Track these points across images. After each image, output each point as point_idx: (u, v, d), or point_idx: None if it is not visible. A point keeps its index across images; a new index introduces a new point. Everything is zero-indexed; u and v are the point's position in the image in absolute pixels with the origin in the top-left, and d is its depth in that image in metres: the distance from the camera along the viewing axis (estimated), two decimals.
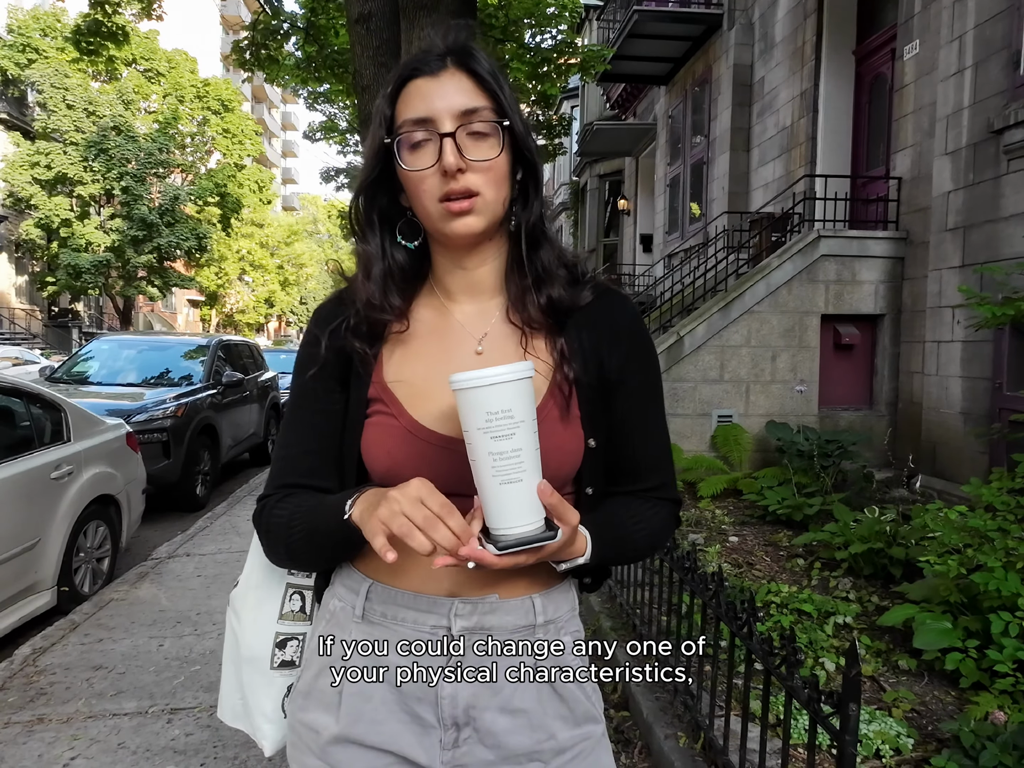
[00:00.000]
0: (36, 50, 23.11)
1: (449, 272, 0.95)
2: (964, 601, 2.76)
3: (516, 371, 0.74)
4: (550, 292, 0.92)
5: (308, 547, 0.91)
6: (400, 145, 0.88)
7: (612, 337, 0.94)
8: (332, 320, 0.95)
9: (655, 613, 2.95)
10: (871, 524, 3.76)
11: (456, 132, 0.85)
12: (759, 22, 9.29)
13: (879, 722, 2.26)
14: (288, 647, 1.03)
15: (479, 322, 0.95)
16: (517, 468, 0.74)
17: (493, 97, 0.88)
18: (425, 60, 0.88)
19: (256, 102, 52.88)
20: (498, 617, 0.91)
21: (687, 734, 2.34)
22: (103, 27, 7.59)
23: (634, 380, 0.95)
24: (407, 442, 0.89)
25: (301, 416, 0.96)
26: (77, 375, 7.12)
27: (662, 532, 0.99)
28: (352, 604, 0.94)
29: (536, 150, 0.93)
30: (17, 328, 24.74)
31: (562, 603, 0.96)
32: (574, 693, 0.94)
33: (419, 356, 0.94)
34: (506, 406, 0.73)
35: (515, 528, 0.75)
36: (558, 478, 0.89)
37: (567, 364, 0.91)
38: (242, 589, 1.07)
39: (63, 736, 2.60)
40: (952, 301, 5.43)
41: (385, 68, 4.11)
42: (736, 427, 6.24)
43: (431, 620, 0.90)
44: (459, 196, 0.85)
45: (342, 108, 13.88)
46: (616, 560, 0.97)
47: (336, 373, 0.95)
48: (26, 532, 3.51)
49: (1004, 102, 4.96)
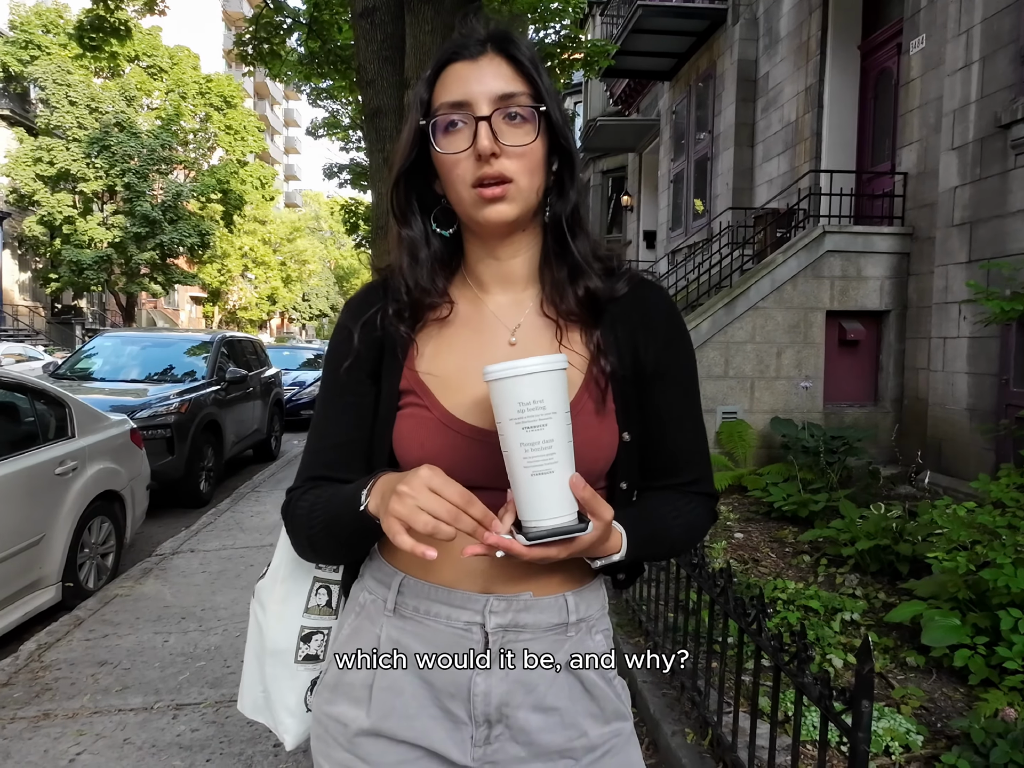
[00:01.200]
0: (39, 46, 23.10)
1: (482, 261, 0.94)
2: (972, 598, 2.74)
3: (549, 362, 0.74)
4: (587, 283, 0.90)
5: (327, 538, 0.90)
6: (436, 128, 0.86)
7: (647, 329, 0.93)
8: (364, 312, 0.95)
9: (662, 609, 2.94)
10: (877, 520, 3.74)
11: (492, 116, 0.83)
12: (763, 17, 9.25)
13: (888, 719, 2.24)
14: (313, 641, 1.02)
15: (513, 313, 0.94)
16: (549, 459, 0.73)
17: (531, 83, 0.87)
18: (464, 44, 0.87)
19: (258, 98, 52.87)
20: (532, 615, 0.89)
21: (695, 730, 2.33)
22: (105, 23, 7.58)
23: (670, 373, 0.94)
24: (440, 433, 0.88)
25: (332, 409, 0.96)
26: (81, 371, 7.12)
27: (699, 527, 0.97)
28: (384, 597, 0.93)
29: (573, 140, 0.91)
30: (20, 325, 24.76)
31: (594, 601, 0.95)
32: (604, 691, 0.93)
33: (452, 348, 0.93)
34: (539, 396, 0.73)
35: (546, 521, 0.74)
36: (592, 472, 0.88)
37: (603, 358, 0.90)
38: (269, 581, 1.07)
39: (69, 731, 2.59)
40: (958, 297, 5.40)
41: (389, 62, 4.10)
42: (741, 423, 6.23)
43: (465, 616, 0.89)
44: (492, 182, 0.84)
45: (345, 104, 13.87)
46: (653, 556, 0.96)
47: (367, 366, 0.94)
48: (31, 528, 3.51)
49: (1012, 96, 4.92)
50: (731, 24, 9.67)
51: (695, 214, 11.20)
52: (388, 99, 4.10)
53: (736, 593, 2.10)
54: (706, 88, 10.67)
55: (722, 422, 6.29)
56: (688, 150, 11.52)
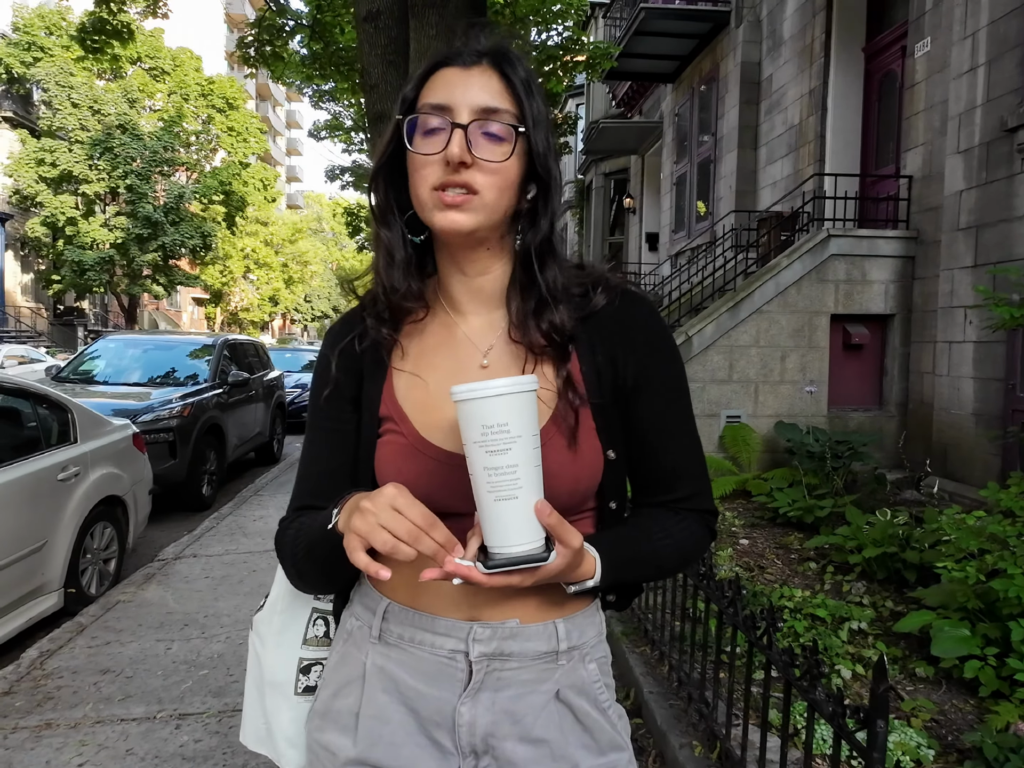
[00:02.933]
0: (41, 48, 23.14)
1: (452, 276, 0.92)
2: (982, 607, 2.72)
3: (516, 384, 0.71)
4: (552, 318, 0.87)
5: (310, 563, 0.89)
6: (413, 127, 0.85)
7: (626, 341, 0.90)
8: (342, 339, 0.94)
9: (668, 618, 2.92)
10: (884, 527, 3.72)
11: (469, 125, 0.82)
12: (767, 19, 9.23)
13: (899, 732, 2.22)
14: (312, 672, 1.00)
15: (485, 334, 0.92)
16: (513, 484, 0.71)
17: (518, 103, 0.85)
18: (460, 52, 0.86)
19: (260, 100, 52.93)
20: (519, 643, 0.87)
21: (703, 743, 2.30)
22: (108, 25, 7.57)
23: (653, 384, 0.91)
24: (414, 459, 0.86)
25: (316, 438, 0.96)
26: (83, 374, 7.11)
27: (693, 548, 0.93)
28: (369, 624, 0.92)
29: (554, 173, 0.88)
30: (23, 326, 24.78)
31: (587, 628, 0.92)
32: (598, 722, 0.90)
33: (428, 368, 0.91)
34: (502, 419, 0.70)
35: (510, 547, 0.72)
36: (578, 492, 0.86)
37: (572, 387, 0.87)
38: (267, 613, 1.05)
39: (71, 742, 2.57)
40: (964, 301, 5.38)
41: (393, 66, 4.08)
42: (745, 427, 6.20)
43: (449, 644, 0.87)
44: (456, 189, 0.82)
45: (347, 106, 13.87)
46: (637, 579, 0.93)
47: (348, 393, 0.93)
48: (33, 534, 3.49)
49: (1018, 100, 4.90)
50: (734, 26, 9.65)
51: (698, 216, 11.18)
52: (392, 103, 4.06)
53: (745, 602, 2.07)
54: (709, 90, 10.65)
55: (726, 426, 6.26)
56: (691, 152, 11.50)
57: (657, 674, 2.82)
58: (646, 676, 2.79)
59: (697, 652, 2.54)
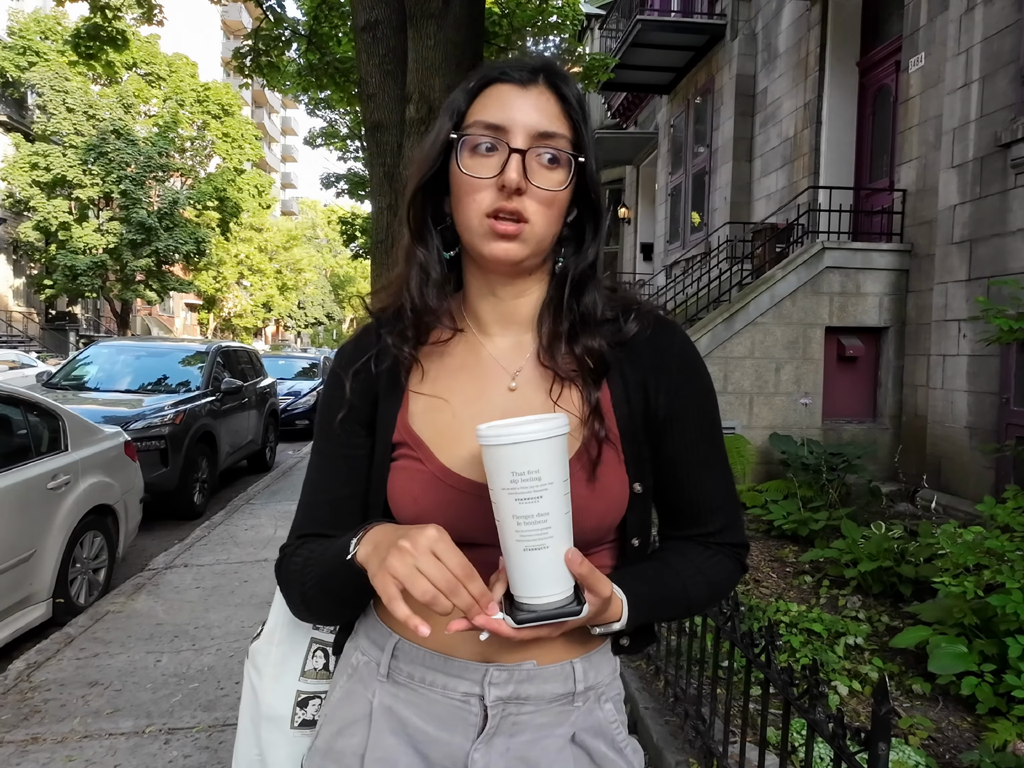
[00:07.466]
0: (36, 53, 23.13)
1: (483, 297, 0.89)
2: (978, 623, 2.71)
3: (547, 429, 0.68)
4: (587, 343, 0.85)
5: (322, 595, 0.84)
6: (463, 145, 0.81)
7: (659, 370, 0.87)
8: (357, 359, 0.89)
9: (663, 632, 2.90)
10: (879, 541, 3.71)
11: (527, 151, 0.79)
12: (762, 33, 9.29)
13: (897, 751, 2.20)
14: (310, 706, 0.96)
15: (513, 357, 0.88)
16: (543, 534, 0.68)
17: (575, 128, 0.83)
18: (517, 68, 0.82)
19: (256, 106, 52.94)
20: (535, 686, 0.84)
21: (699, 761, 2.28)
22: (102, 31, 7.54)
23: (687, 414, 0.88)
24: (434, 488, 0.82)
25: (325, 462, 0.91)
26: (75, 381, 7.04)
27: (724, 584, 0.91)
28: (377, 660, 0.87)
29: (602, 196, 0.87)
30: (14, 331, 24.66)
31: (603, 666, 0.89)
32: (615, 763, 0.87)
33: (451, 390, 0.87)
34: (533, 467, 0.67)
35: (538, 598, 0.69)
36: (602, 528, 0.83)
37: (600, 416, 0.83)
38: (264, 644, 1.01)
39: (58, 757, 2.53)
40: (958, 314, 5.40)
41: (391, 76, 4.07)
42: (739, 439, 6.19)
43: (463, 686, 0.83)
44: (509, 217, 0.79)
45: (343, 114, 13.90)
46: (665, 619, 0.91)
47: (362, 416, 0.89)
48: (22, 543, 3.44)
49: (1012, 116, 4.93)
50: (730, 39, 9.72)
51: (692, 227, 11.21)
52: (389, 113, 4.07)
53: (743, 619, 2.05)
54: (704, 102, 10.71)
55: None
56: (686, 163, 11.55)
57: (653, 689, 2.79)
58: (641, 691, 2.76)
59: (693, 667, 2.52)
